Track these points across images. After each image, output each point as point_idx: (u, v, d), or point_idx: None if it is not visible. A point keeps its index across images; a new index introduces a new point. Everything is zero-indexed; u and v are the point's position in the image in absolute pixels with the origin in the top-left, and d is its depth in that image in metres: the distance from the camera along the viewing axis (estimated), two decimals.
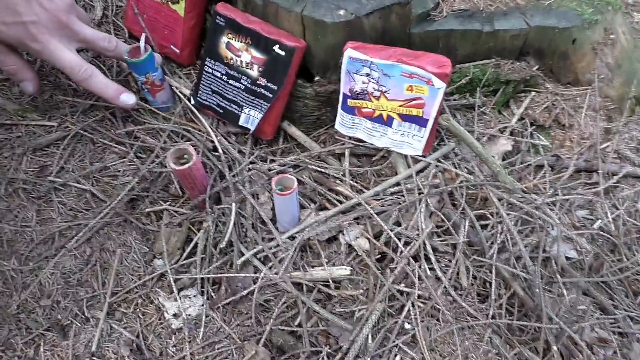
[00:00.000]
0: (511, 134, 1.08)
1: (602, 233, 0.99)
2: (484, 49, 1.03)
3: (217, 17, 0.91)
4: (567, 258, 0.95)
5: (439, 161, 0.99)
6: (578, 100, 1.14)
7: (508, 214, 0.94)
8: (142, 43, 0.91)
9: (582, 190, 1.04)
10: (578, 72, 1.11)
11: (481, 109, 1.08)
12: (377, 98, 0.92)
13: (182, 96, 1.01)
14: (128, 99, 0.93)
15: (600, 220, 1.01)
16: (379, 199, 0.96)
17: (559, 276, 0.90)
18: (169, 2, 0.99)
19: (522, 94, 1.12)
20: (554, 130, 1.12)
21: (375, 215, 0.91)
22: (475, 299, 0.88)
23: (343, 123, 0.99)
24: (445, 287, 0.87)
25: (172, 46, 1.03)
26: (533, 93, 1.12)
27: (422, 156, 0.99)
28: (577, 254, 0.96)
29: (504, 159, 1.05)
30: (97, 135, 0.98)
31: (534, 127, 1.10)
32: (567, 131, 1.12)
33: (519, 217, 0.94)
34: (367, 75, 0.90)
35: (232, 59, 0.93)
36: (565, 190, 1.03)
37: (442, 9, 1.00)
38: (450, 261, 0.91)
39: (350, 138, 1.02)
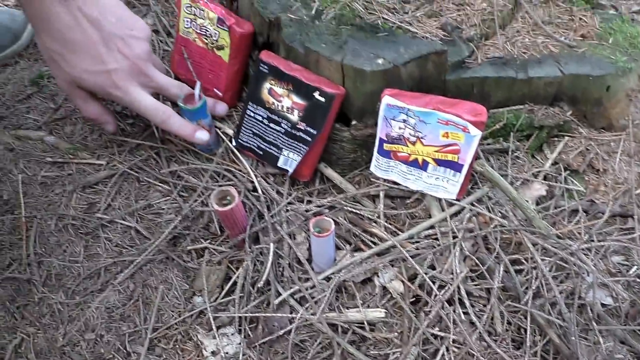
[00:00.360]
0: (545, 178, 1.09)
1: (638, 280, 0.98)
2: (518, 95, 1.06)
3: (261, 64, 0.95)
4: (603, 305, 0.94)
5: (473, 205, 1.00)
6: (612, 145, 1.14)
7: (543, 260, 0.94)
8: (197, 91, 0.96)
9: (618, 236, 1.04)
10: (612, 118, 1.12)
11: (515, 154, 1.09)
12: (413, 143, 0.95)
13: (224, 137, 1.05)
14: (202, 135, 1.00)
15: (636, 267, 1.00)
16: (414, 242, 0.97)
17: (594, 323, 0.89)
18: (215, 49, 1.04)
19: (556, 139, 1.14)
20: (588, 175, 1.12)
21: (410, 258, 0.92)
22: (510, 345, 0.88)
23: (378, 166, 1.02)
24: (479, 332, 0.87)
25: (215, 89, 1.08)
26: (567, 138, 1.13)
27: (456, 200, 1.00)
28: (613, 300, 0.95)
29: (537, 204, 1.06)
30: (143, 174, 1.02)
31: (568, 171, 1.10)
32: (602, 176, 1.12)
33: (553, 262, 0.95)
34: (404, 121, 0.93)
35: (273, 103, 0.97)
36: (601, 236, 1.03)
37: (477, 56, 1.03)
38: (484, 306, 0.91)
39: (385, 180, 1.04)
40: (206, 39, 1.05)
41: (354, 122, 1.00)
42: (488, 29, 1.06)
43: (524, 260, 0.95)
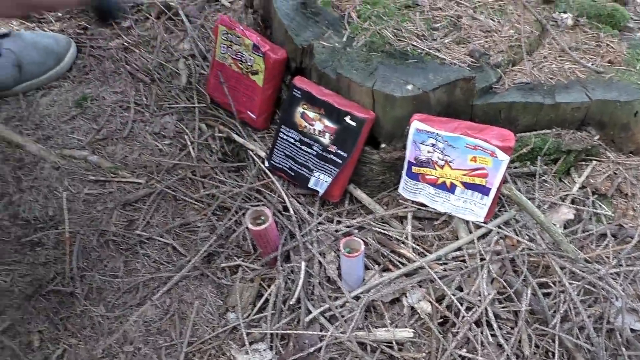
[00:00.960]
0: (572, 202, 1.10)
1: None
2: (545, 120, 1.07)
3: (294, 89, 0.99)
4: (632, 330, 0.94)
5: (501, 228, 1.02)
6: None
7: (571, 283, 0.95)
8: None
9: None
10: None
11: (542, 177, 1.10)
12: (442, 167, 0.97)
13: (256, 158, 1.09)
14: None
15: None
16: (441, 263, 0.99)
17: (623, 349, 0.90)
18: (249, 73, 1.09)
19: (583, 163, 1.15)
20: (617, 199, 1.13)
21: (438, 279, 0.94)
22: None
23: (407, 188, 1.04)
24: (507, 354, 0.88)
25: (248, 112, 1.13)
26: (594, 162, 1.14)
27: (483, 222, 1.02)
28: None
29: (565, 227, 1.07)
30: (179, 193, 1.07)
31: (596, 195, 1.11)
32: (630, 200, 1.13)
33: (581, 286, 0.95)
34: (433, 145, 0.96)
35: (305, 127, 1.01)
36: (630, 260, 1.03)
37: (505, 82, 1.05)
38: (512, 329, 0.92)
39: (413, 202, 1.06)
40: (241, 64, 1.09)
41: (383, 145, 1.03)
42: (515, 55, 1.08)
43: (551, 284, 0.96)
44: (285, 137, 1.04)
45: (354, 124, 0.97)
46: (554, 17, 1.48)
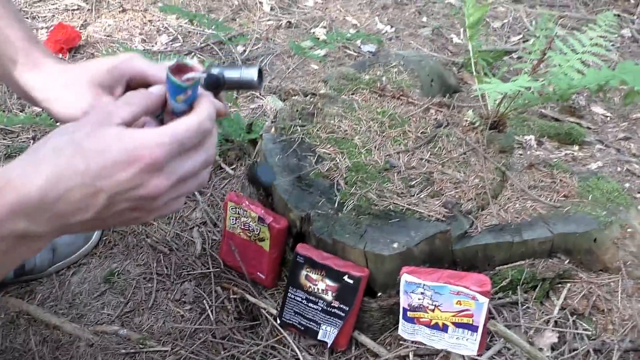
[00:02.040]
0: (555, 324, 1.22)
1: None
2: (518, 253, 1.22)
3: (298, 256, 1.15)
4: None
5: (493, 358, 1.13)
6: (612, 286, 1.28)
7: None
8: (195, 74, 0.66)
9: None
10: (606, 262, 1.27)
11: (525, 305, 1.23)
12: (432, 310, 1.11)
13: (269, 316, 1.22)
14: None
15: None
16: None
17: None
18: (257, 240, 1.25)
19: (560, 285, 1.28)
20: (595, 316, 1.25)
21: None
22: None
23: (405, 330, 1.17)
24: None
25: (258, 273, 1.28)
26: (569, 284, 1.28)
27: (477, 355, 1.14)
28: None
29: (553, 350, 1.18)
30: (202, 356, 1.18)
31: (575, 315, 1.24)
32: (607, 315, 1.25)
33: None
34: (422, 293, 1.10)
35: (310, 287, 1.15)
36: None
37: (477, 225, 1.22)
38: None
39: (412, 342, 1.18)
40: (249, 233, 1.26)
41: (379, 294, 1.17)
42: (483, 201, 1.26)
43: None
44: (293, 296, 1.18)
45: (351, 281, 1.11)
46: (519, 141, 1.69)
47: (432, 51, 2.37)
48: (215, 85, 0.69)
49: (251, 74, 0.71)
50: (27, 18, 2.37)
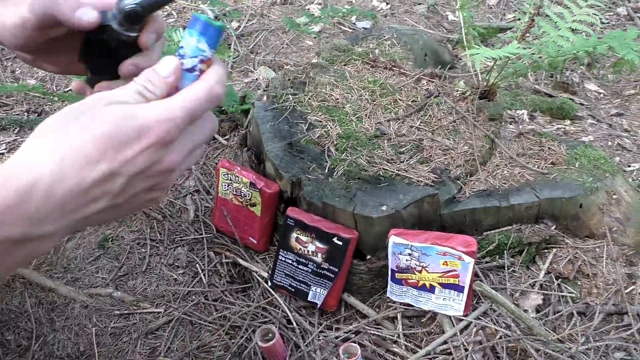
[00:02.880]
0: (541, 287, 1.25)
1: None
2: (505, 219, 1.25)
3: (288, 219, 1.17)
4: None
5: (479, 319, 1.16)
6: (597, 251, 1.31)
7: None
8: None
9: (616, 334, 1.16)
10: (592, 228, 1.30)
11: (511, 269, 1.26)
12: (420, 271, 1.13)
13: (260, 279, 1.25)
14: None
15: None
16: (431, 357, 1.12)
17: None
18: (248, 206, 1.27)
19: (546, 250, 1.31)
20: (580, 280, 1.28)
21: None
22: None
23: (393, 292, 1.19)
24: None
25: (250, 238, 1.30)
26: (555, 249, 1.30)
27: (464, 316, 1.16)
28: None
29: (537, 311, 1.21)
30: (195, 317, 1.21)
31: (560, 279, 1.26)
32: (592, 280, 1.27)
33: None
34: (409, 254, 1.12)
35: (300, 249, 1.17)
36: (597, 336, 1.16)
37: (465, 191, 1.24)
38: None
39: (400, 303, 1.21)
40: (241, 199, 1.28)
41: (368, 257, 1.20)
42: (471, 167, 1.28)
43: None
44: (283, 259, 1.20)
45: (340, 243, 1.13)
46: (511, 115, 1.71)
47: (427, 28, 2.38)
48: (137, 16, 0.63)
49: None
50: None
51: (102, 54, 0.66)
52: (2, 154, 1.65)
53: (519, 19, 1.85)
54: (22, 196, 0.50)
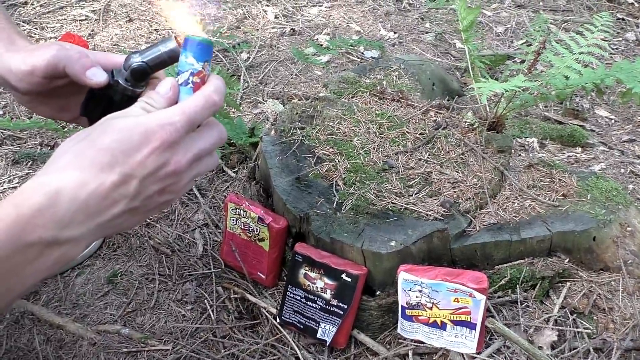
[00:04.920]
0: (556, 323, 1.22)
1: None
2: (516, 252, 1.23)
3: (296, 255, 1.16)
4: None
5: (493, 357, 1.13)
6: (613, 285, 1.28)
7: None
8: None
9: None
10: (606, 261, 1.27)
11: (524, 303, 1.23)
12: (430, 308, 1.11)
13: (269, 315, 1.23)
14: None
15: None
16: None
17: None
18: (257, 240, 1.27)
19: (560, 284, 1.28)
20: (596, 315, 1.25)
21: None
22: None
23: (404, 328, 1.17)
24: None
25: (258, 273, 1.29)
26: (569, 283, 1.28)
27: (476, 353, 1.14)
28: None
29: (553, 348, 1.18)
30: (203, 355, 1.19)
31: (575, 314, 1.23)
32: (608, 314, 1.24)
33: None
34: (419, 291, 1.10)
35: (309, 285, 1.16)
36: None
37: (475, 224, 1.23)
38: None
39: (412, 340, 1.19)
40: (249, 233, 1.28)
41: (378, 293, 1.18)
42: (481, 200, 1.27)
43: None
44: (292, 295, 1.19)
45: (349, 279, 1.12)
46: (521, 143, 1.70)
47: (435, 56, 2.39)
48: (143, 73, 0.71)
49: (169, 45, 0.72)
50: (37, 28, 2.42)
51: (104, 107, 0.71)
52: (15, 187, 1.66)
53: (528, 46, 1.85)
54: (50, 200, 0.57)
